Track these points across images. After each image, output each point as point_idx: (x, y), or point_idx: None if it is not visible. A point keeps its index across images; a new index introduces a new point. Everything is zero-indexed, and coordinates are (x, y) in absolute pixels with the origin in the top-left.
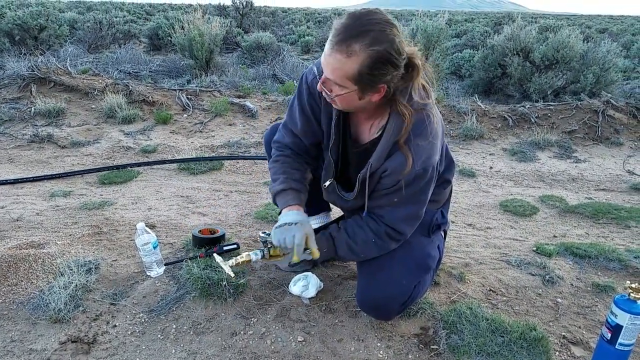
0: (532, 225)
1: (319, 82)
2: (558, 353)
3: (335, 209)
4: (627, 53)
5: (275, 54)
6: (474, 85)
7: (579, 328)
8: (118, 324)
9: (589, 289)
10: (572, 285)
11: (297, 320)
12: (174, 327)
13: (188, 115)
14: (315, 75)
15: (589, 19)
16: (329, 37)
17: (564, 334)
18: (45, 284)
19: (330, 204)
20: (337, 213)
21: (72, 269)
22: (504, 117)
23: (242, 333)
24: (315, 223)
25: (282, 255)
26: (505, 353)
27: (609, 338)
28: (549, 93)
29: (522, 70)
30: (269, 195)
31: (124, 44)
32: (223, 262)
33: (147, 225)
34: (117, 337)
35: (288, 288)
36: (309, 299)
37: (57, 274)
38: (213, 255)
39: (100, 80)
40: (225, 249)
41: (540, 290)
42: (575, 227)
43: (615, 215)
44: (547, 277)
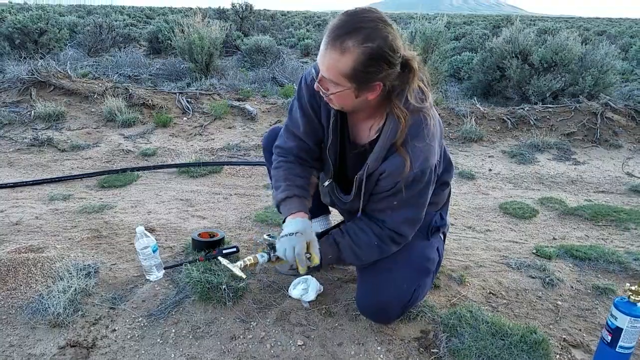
0: (531, 228)
1: (316, 81)
2: (558, 356)
3: (335, 212)
4: (625, 55)
5: (275, 57)
6: (473, 88)
7: (580, 331)
8: (117, 328)
9: (589, 292)
10: (572, 288)
11: (296, 324)
12: (174, 331)
13: (188, 118)
14: (314, 76)
15: (588, 22)
16: (325, 34)
17: (565, 337)
18: (44, 288)
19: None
20: (335, 214)
21: (71, 273)
22: (503, 119)
23: (241, 337)
24: (317, 227)
25: (283, 260)
26: (506, 356)
27: (610, 341)
28: (548, 95)
29: (520, 73)
30: (270, 199)
31: (124, 48)
32: (231, 264)
33: (146, 229)
34: (116, 341)
35: (288, 291)
36: (309, 303)
37: (56, 278)
38: (219, 259)
39: (100, 84)
40: (225, 253)
41: (541, 293)
42: (575, 229)
43: (615, 218)
44: (547, 279)
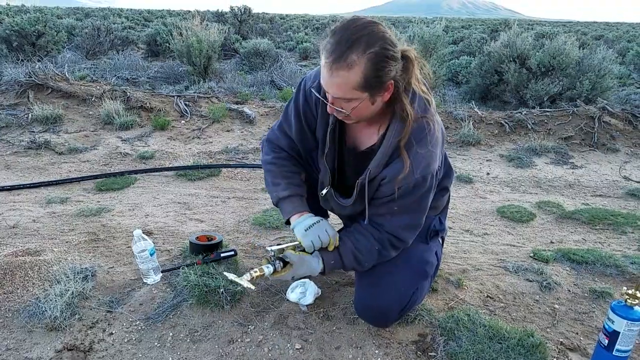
0: (529, 231)
1: (328, 105)
2: (556, 359)
3: (333, 216)
4: (622, 60)
5: (274, 61)
6: (471, 92)
7: (577, 334)
8: (114, 332)
9: (586, 295)
10: (569, 291)
11: (294, 328)
12: (171, 334)
13: (186, 122)
14: (314, 83)
15: (585, 26)
16: (323, 60)
17: (562, 340)
18: (41, 292)
19: (328, 211)
20: (333, 219)
21: (68, 277)
22: (501, 123)
23: (239, 341)
24: None
25: (287, 271)
26: (503, 359)
27: (606, 344)
28: (546, 99)
29: (518, 77)
30: (267, 202)
31: (122, 50)
32: (238, 278)
33: (144, 232)
34: (113, 345)
35: (285, 295)
36: (307, 306)
37: (53, 282)
38: (224, 274)
39: (98, 87)
40: (223, 256)
41: (538, 297)
42: (572, 233)
43: (612, 221)
44: (544, 283)
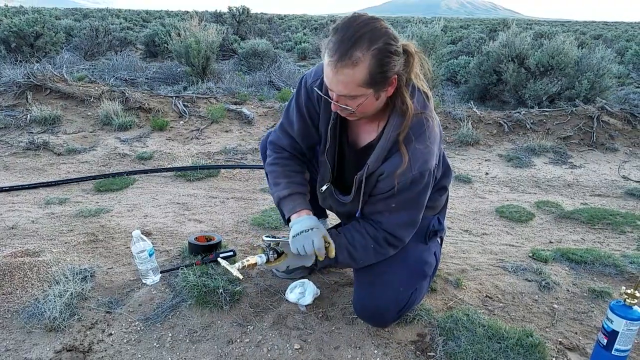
0: (528, 231)
1: (332, 103)
2: (555, 359)
3: (332, 215)
4: (621, 59)
5: (272, 61)
6: (470, 92)
7: (576, 334)
8: (114, 333)
9: (585, 295)
10: (568, 291)
11: (293, 328)
12: (170, 335)
13: (184, 122)
14: (315, 80)
15: (584, 25)
16: (326, 58)
17: (561, 340)
18: (40, 293)
19: (327, 211)
20: (333, 219)
21: (67, 277)
22: (500, 123)
23: (238, 341)
24: None
25: (281, 260)
26: (502, 359)
27: (605, 344)
28: (544, 99)
29: (517, 77)
30: (266, 202)
31: (121, 51)
32: (229, 265)
33: (143, 233)
34: (112, 345)
35: (284, 295)
36: (306, 306)
37: (52, 282)
38: (218, 260)
39: (97, 87)
40: (222, 256)
41: (537, 296)
42: (571, 232)
43: (611, 221)
44: (543, 282)
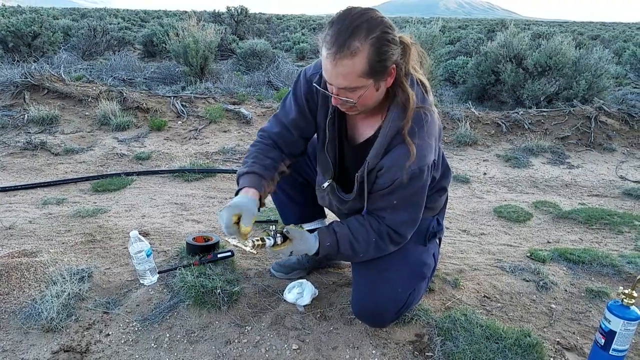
0: (526, 231)
1: (333, 97)
2: (552, 359)
3: (331, 215)
4: (619, 59)
5: (270, 61)
6: (468, 92)
7: (573, 334)
8: (111, 333)
9: (583, 295)
10: (566, 291)
11: (291, 328)
12: (168, 335)
13: (182, 122)
14: (315, 73)
15: (581, 26)
16: (324, 52)
17: (559, 340)
18: (38, 293)
19: (326, 210)
20: (332, 219)
21: (64, 278)
22: (498, 123)
23: (236, 341)
24: (309, 227)
25: (286, 245)
26: (500, 359)
27: (603, 344)
28: (542, 99)
29: (515, 77)
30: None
31: (118, 51)
32: (241, 242)
33: (140, 233)
34: (110, 346)
35: (282, 295)
36: (304, 307)
37: (49, 283)
38: (228, 241)
39: (94, 87)
40: (220, 257)
41: (535, 296)
42: (569, 232)
43: (609, 221)
44: (541, 282)
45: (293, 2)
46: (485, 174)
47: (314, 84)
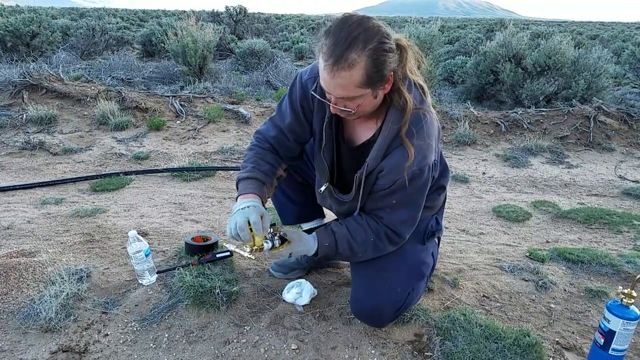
0: (525, 231)
1: (331, 106)
2: (552, 359)
3: (330, 215)
4: (618, 59)
5: (269, 60)
6: (467, 92)
7: (573, 333)
8: (110, 333)
9: (582, 294)
10: (565, 291)
11: (290, 328)
12: (167, 335)
13: (181, 122)
14: (310, 77)
15: (580, 26)
16: (321, 63)
17: (558, 340)
18: (36, 293)
19: (325, 210)
20: (330, 218)
21: (63, 278)
22: (497, 123)
23: (235, 341)
24: (307, 226)
25: (285, 247)
26: (499, 359)
27: (602, 344)
28: (541, 99)
29: (514, 77)
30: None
31: (117, 51)
32: (239, 248)
33: (139, 233)
34: (108, 346)
35: (281, 295)
36: (303, 307)
37: (48, 283)
38: (225, 246)
39: (93, 87)
40: (219, 257)
41: (534, 296)
42: (568, 232)
43: (608, 221)
44: (540, 282)
45: (292, 1)
46: (484, 174)
47: (312, 92)
